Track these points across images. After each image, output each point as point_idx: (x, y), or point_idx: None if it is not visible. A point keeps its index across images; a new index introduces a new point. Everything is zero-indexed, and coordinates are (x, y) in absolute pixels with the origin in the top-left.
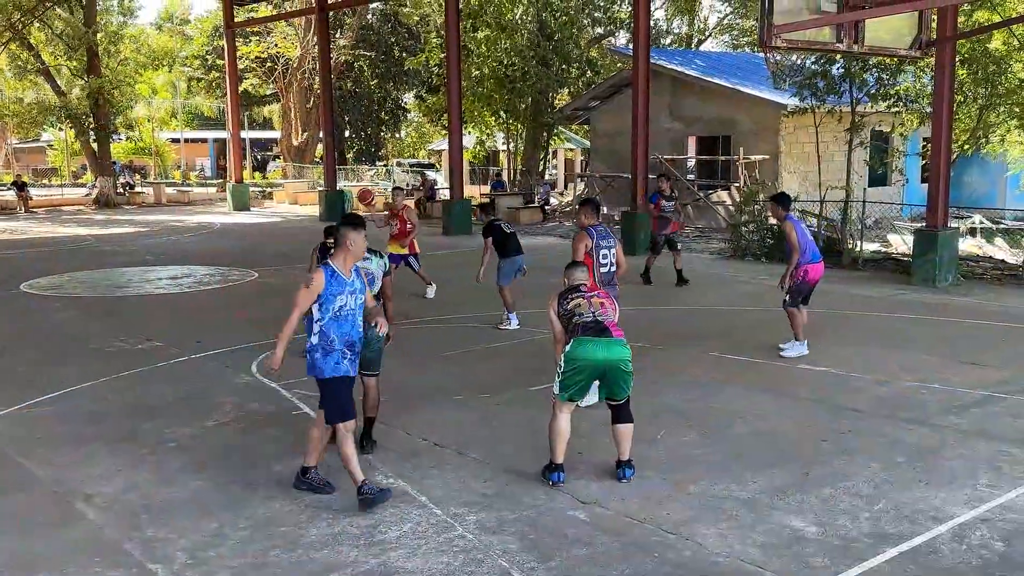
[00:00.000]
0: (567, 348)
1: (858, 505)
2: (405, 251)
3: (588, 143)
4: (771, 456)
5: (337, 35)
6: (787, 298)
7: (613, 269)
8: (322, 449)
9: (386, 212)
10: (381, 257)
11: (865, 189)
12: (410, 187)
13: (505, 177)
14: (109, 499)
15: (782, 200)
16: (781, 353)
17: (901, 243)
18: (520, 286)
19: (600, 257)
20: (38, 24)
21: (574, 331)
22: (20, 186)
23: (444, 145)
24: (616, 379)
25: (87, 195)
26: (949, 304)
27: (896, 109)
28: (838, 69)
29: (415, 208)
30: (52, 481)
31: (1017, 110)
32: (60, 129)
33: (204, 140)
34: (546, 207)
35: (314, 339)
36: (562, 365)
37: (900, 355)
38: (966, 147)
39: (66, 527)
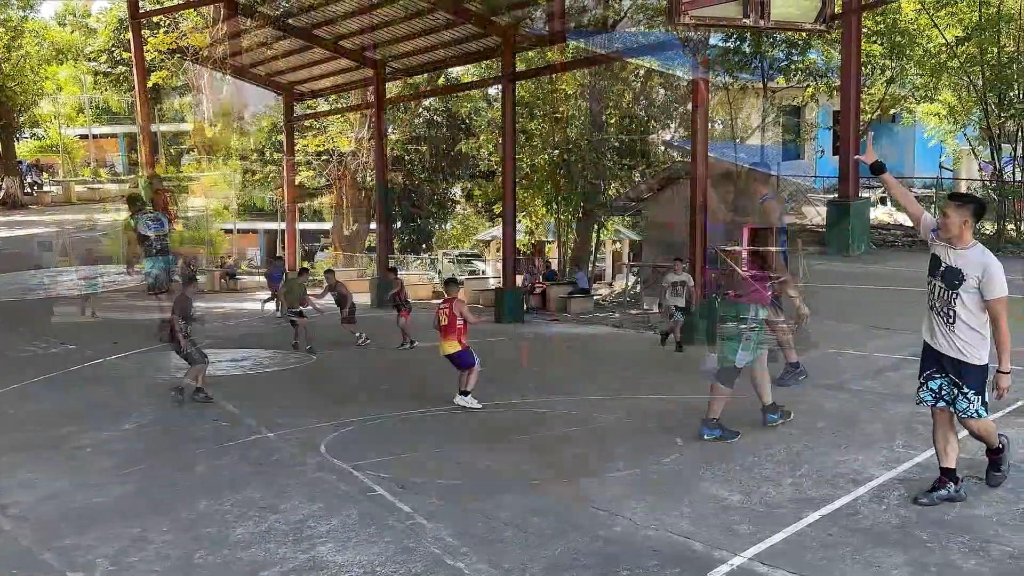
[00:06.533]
0: None
1: (781, 472)
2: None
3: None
4: (697, 429)
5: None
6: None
7: None
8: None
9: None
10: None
11: (779, 163)
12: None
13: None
14: (26, 508)
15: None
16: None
17: (815, 215)
18: None
19: None
20: None
21: None
22: None
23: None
24: None
25: None
26: (863, 272)
27: (805, 83)
28: (748, 46)
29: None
30: None
31: (922, 81)
32: None
33: (114, 135)
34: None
35: None
36: None
37: (817, 324)
38: (875, 117)
39: None
